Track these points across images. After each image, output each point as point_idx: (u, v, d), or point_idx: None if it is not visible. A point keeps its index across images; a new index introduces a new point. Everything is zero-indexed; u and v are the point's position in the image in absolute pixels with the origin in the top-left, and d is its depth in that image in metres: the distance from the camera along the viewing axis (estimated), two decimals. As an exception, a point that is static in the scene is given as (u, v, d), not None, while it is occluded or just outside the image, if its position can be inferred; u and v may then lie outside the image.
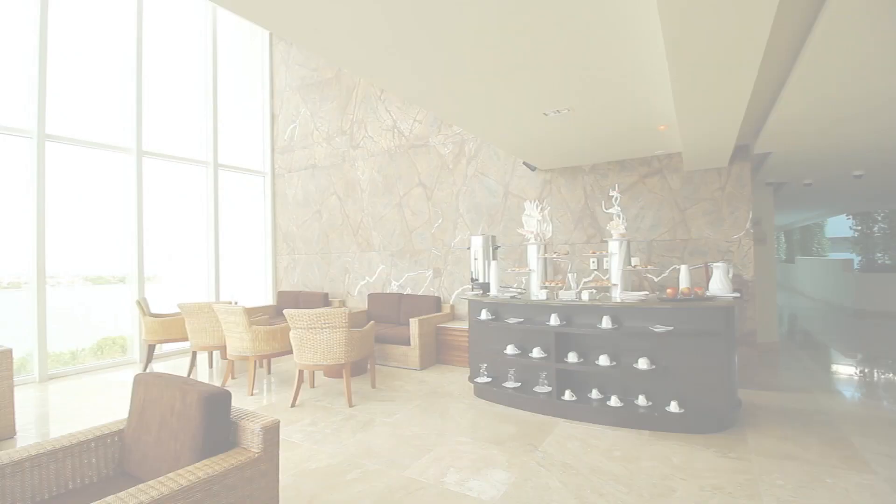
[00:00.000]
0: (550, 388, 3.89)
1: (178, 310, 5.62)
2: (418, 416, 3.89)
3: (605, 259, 4.18)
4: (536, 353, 4.01)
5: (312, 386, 4.83)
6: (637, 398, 3.57)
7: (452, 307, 6.24)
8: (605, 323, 3.67)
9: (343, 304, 7.36)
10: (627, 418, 3.52)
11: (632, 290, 4.04)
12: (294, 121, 8.15)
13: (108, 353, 6.19)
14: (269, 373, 5.49)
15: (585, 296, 3.83)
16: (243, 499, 1.73)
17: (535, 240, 4.40)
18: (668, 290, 3.64)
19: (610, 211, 4.21)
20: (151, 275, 6.60)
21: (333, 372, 5.09)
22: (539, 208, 4.48)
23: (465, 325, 5.55)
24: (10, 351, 3.60)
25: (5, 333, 3.98)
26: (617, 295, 3.88)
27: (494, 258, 5.15)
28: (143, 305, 5.60)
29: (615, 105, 3.43)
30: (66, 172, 5.72)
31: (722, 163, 4.57)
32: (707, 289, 3.72)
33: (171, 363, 6.10)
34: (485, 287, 4.80)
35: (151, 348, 5.61)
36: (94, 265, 6.14)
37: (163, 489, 1.50)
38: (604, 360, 3.67)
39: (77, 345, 5.98)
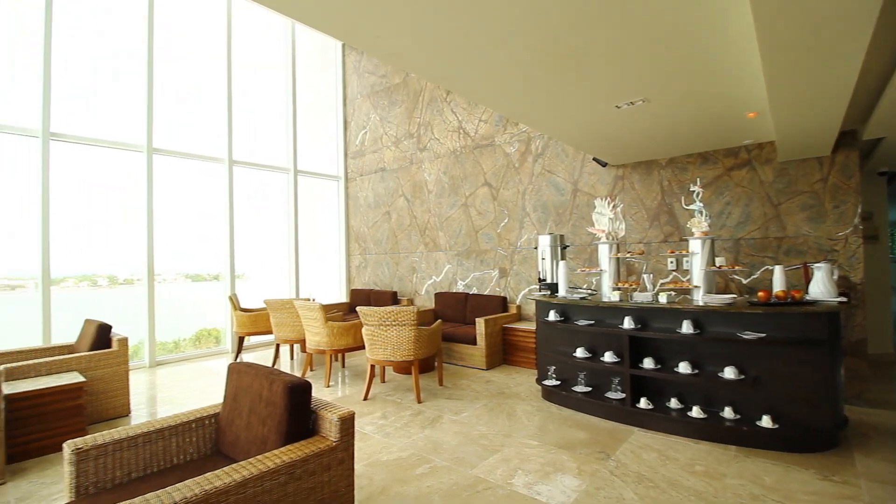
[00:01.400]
0: (624, 395, 3.71)
1: (263, 305, 6.11)
2: (485, 415, 3.90)
3: (684, 259, 3.91)
4: (608, 357, 3.85)
5: (383, 381, 5.02)
6: (722, 410, 3.31)
7: (519, 307, 6.17)
8: (686, 327, 3.43)
9: (411, 302, 7.55)
10: (711, 431, 3.26)
11: (716, 293, 3.74)
12: (364, 126, 8.50)
13: (205, 343, 6.88)
14: (343, 366, 5.78)
15: (663, 298, 3.61)
16: (322, 484, 1.84)
17: (607, 239, 4.22)
18: (760, 294, 3.33)
19: (691, 207, 3.93)
20: (241, 273, 7.23)
21: (402, 368, 5.25)
22: (611, 206, 4.30)
23: (531, 326, 5.47)
24: (126, 339, 4.12)
25: (122, 324, 4.57)
26: (699, 298, 3.61)
27: (563, 258, 5.01)
28: (234, 301, 6.15)
29: (696, 94, 3.20)
30: (169, 182, 6.42)
31: (824, 151, 4.08)
32: (806, 292, 3.34)
33: (258, 354, 6.64)
34: (553, 287, 4.69)
35: (241, 340, 6.15)
36: (193, 264, 6.85)
37: (253, 470, 1.64)
38: (684, 368, 3.44)
39: (179, 335, 6.70)
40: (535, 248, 5.59)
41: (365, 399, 4.38)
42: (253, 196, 7.45)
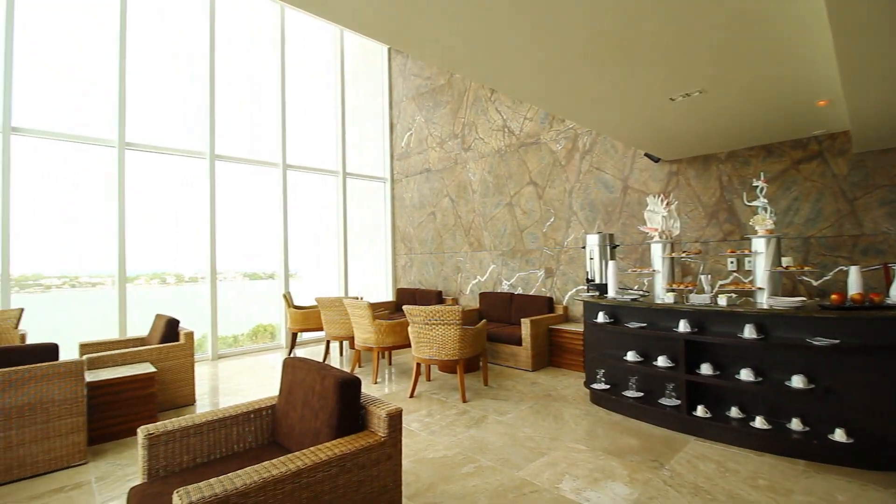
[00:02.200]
0: (679, 402, 3.54)
1: (315, 303, 6.35)
2: (531, 417, 3.85)
3: (746, 259, 3.67)
4: (662, 361, 3.69)
5: (429, 379, 5.08)
6: (790, 421, 3.08)
7: (566, 308, 6.04)
8: (748, 332, 3.22)
9: (456, 301, 7.58)
10: (776, 443, 3.05)
11: (782, 296, 3.49)
12: (410, 128, 8.63)
13: (261, 338, 7.25)
14: (390, 364, 5.90)
15: (722, 300, 3.41)
16: (371, 478, 1.89)
17: (660, 238, 4.04)
18: (833, 296, 3.07)
19: (753, 203, 3.69)
20: (294, 272, 7.56)
21: (448, 367, 5.28)
22: (664, 203, 4.11)
23: (579, 328, 5.33)
24: (192, 333, 4.41)
25: (187, 319, 4.91)
26: (763, 300, 3.38)
27: (612, 258, 4.85)
28: (288, 298, 6.44)
29: (759, 82, 2.99)
30: (229, 186, 6.81)
31: (910, 140, 3.70)
32: (887, 295, 3.04)
33: (309, 350, 6.91)
34: (601, 288, 4.55)
35: (294, 336, 6.43)
36: (251, 264, 7.23)
37: (306, 460, 1.71)
38: (746, 375, 3.23)
39: (237, 330, 7.10)
40: (583, 247, 5.45)
41: (411, 396, 4.45)
42: (305, 198, 7.76)
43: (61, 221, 5.54)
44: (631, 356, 3.90)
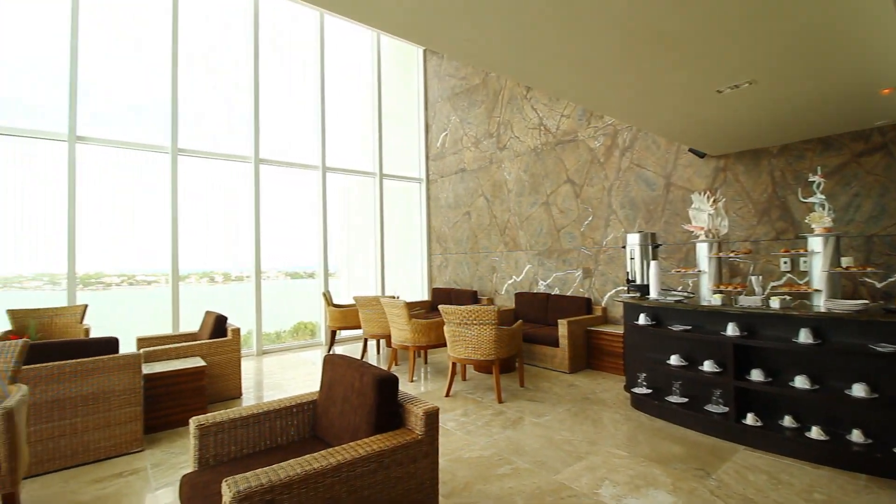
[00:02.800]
0: (727, 409, 3.38)
1: (353, 302, 6.49)
2: (569, 420, 3.78)
3: (801, 259, 3.46)
4: (708, 366, 3.53)
5: (464, 378, 5.08)
6: (849, 433, 2.88)
7: (604, 309, 5.88)
8: (804, 336, 3.03)
9: (491, 301, 7.55)
10: (834, 456, 2.85)
11: (842, 298, 3.26)
12: (445, 129, 8.66)
13: (302, 336, 7.48)
14: (426, 362, 5.94)
15: (775, 303, 3.22)
16: (408, 475, 1.92)
17: (707, 237, 3.87)
18: (901, 300, 2.84)
19: (809, 200, 3.47)
20: (333, 271, 7.76)
21: (483, 367, 5.27)
22: (711, 200, 3.93)
23: (619, 330, 5.19)
24: (239, 329, 4.61)
25: (234, 316, 5.14)
26: (821, 303, 3.17)
27: (654, 258, 4.68)
28: (327, 297, 6.61)
29: (816, 70, 2.81)
30: (272, 189, 7.07)
31: None
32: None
33: (347, 347, 7.07)
34: (642, 289, 4.41)
35: (334, 333, 6.60)
36: (292, 263, 7.48)
37: (346, 455, 1.76)
38: (801, 382, 3.05)
39: (280, 327, 7.36)
40: (623, 247, 5.30)
41: (447, 395, 4.47)
42: (343, 199, 7.95)
43: (120, 224, 5.93)
44: (674, 360, 3.75)
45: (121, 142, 5.81)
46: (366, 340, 6.08)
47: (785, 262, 4.29)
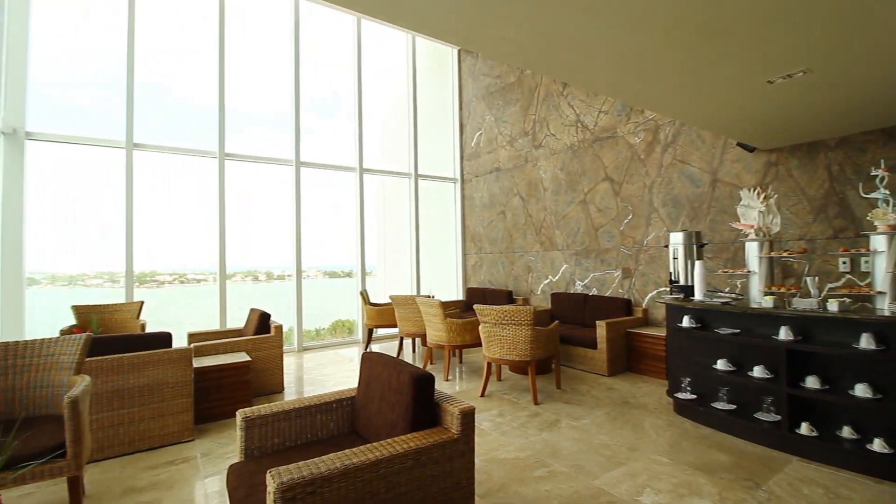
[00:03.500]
0: (779, 417, 3.20)
1: (389, 300, 6.59)
2: (607, 424, 3.68)
3: (863, 259, 3.22)
4: (758, 372, 3.35)
5: (499, 379, 5.05)
6: (921, 447, 2.66)
7: (645, 311, 5.69)
8: (866, 342, 2.82)
9: (526, 302, 7.47)
10: (904, 471, 2.64)
11: (911, 301, 3.01)
12: (479, 128, 8.64)
13: (339, 333, 7.68)
14: (461, 362, 5.95)
15: (833, 306, 3.02)
16: (444, 474, 1.93)
17: (757, 235, 3.68)
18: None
19: (872, 196, 3.23)
20: (370, 270, 7.91)
21: (519, 368, 5.22)
22: (761, 197, 3.73)
23: (661, 332, 5.01)
24: (281, 326, 4.78)
25: (277, 313, 5.34)
26: (885, 306, 2.95)
27: (699, 257, 4.49)
28: (364, 296, 6.75)
29: (879, 56, 2.60)
30: (311, 190, 7.29)
31: None
32: None
33: (384, 345, 7.18)
34: (686, 290, 4.23)
35: (370, 331, 6.72)
36: (330, 262, 7.69)
37: (384, 451, 1.79)
38: (862, 391, 2.84)
39: (319, 324, 7.58)
40: (666, 246, 5.12)
41: (482, 395, 4.46)
42: (379, 200, 8.09)
43: (172, 225, 6.28)
44: (721, 364, 3.59)
45: (173, 148, 6.14)
46: (402, 339, 6.16)
47: (844, 263, 4.01)
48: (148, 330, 5.14)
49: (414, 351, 6.73)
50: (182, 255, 6.41)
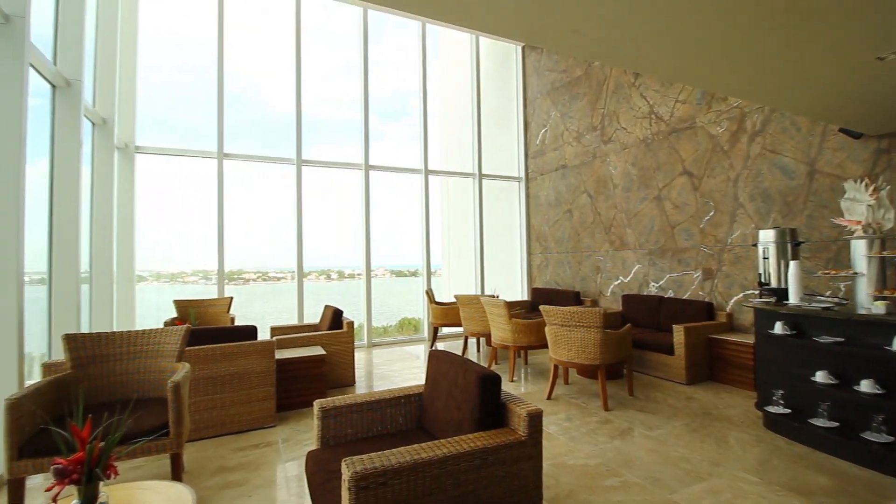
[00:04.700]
0: (892, 439, 2.81)
1: (454, 300, 6.67)
2: (686, 436, 3.45)
3: None
4: (866, 386, 2.97)
5: (566, 382, 4.92)
6: None
7: (730, 315, 5.25)
8: None
9: (595, 303, 7.19)
10: None
11: None
12: (545, 125, 8.45)
13: (406, 331, 7.89)
14: (526, 363, 5.88)
15: (965, 314, 2.60)
16: (512, 475, 1.92)
17: (865, 232, 3.26)
18: None
19: None
20: (435, 269, 8.05)
21: (587, 371, 5.05)
22: (870, 189, 3.30)
23: (748, 339, 4.60)
24: (353, 323, 5.01)
25: (348, 310, 5.61)
26: None
27: (794, 257, 4.06)
28: (430, 295, 6.88)
29: None
30: (379, 193, 7.57)
31: None
32: None
33: (448, 344, 7.28)
34: (779, 293, 3.85)
35: (436, 330, 6.84)
36: (397, 261, 7.93)
37: (452, 449, 1.82)
38: None
39: (386, 321, 7.85)
40: (754, 245, 4.69)
41: (548, 398, 4.37)
42: (444, 200, 8.22)
43: (256, 227, 6.83)
44: (821, 377, 3.22)
45: (258, 156, 6.68)
46: (466, 338, 6.20)
47: (982, 264, 3.43)
48: (237, 323, 5.62)
49: (479, 350, 6.75)
50: (264, 255, 6.95)
